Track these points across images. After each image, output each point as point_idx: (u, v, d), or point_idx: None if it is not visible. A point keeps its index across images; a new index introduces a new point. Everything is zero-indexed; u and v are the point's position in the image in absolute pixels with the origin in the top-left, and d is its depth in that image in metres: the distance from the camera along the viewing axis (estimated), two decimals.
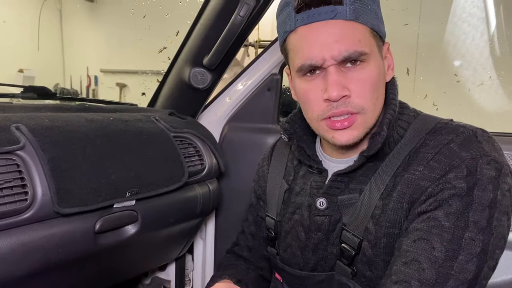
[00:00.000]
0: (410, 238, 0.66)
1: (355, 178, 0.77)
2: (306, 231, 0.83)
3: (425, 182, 0.68)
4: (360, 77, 0.70)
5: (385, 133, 0.72)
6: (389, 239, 0.72)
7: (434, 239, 0.64)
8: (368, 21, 0.69)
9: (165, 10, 3.50)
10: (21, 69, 5.18)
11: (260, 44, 4.09)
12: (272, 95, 1.33)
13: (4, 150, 0.73)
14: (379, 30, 0.71)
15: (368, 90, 0.71)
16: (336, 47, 0.68)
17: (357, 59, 0.69)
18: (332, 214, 0.79)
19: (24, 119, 0.82)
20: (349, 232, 0.76)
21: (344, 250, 0.77)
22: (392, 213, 0.71)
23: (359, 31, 0.68)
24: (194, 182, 1.13)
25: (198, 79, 1.20)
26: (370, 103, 0.71)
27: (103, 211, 0.86)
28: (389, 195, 0.72)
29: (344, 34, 0.68)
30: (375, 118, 0.74)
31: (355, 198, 0.76)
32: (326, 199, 0.80)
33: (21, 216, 0.72)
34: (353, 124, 0.73)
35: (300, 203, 0.85)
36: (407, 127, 0.76)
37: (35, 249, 0.74)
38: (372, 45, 0.70)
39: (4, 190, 0.71)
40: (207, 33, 1.12)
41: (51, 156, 0.77)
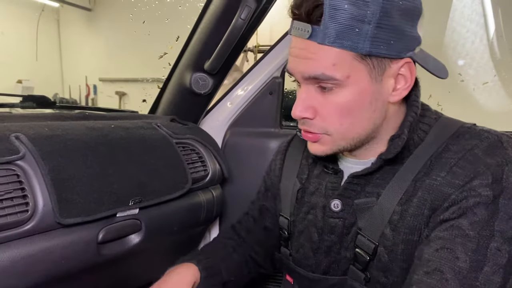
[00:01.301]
0: (432, 246, 0.64)
1: (372, 181, 0.75)
2: (319, 233, 0.82)
3: (448, 188, 0.66)
4: (328, 101, 0.68)
5: (406, 136, 0.70)
6: (407, 246, 0.70)
7: (458, 249, 0.61)
8: (351, 46, 0.63)
9: (165, 15, 3.50)
10: (19, 80, 5.19)
11: (259, 49, 4.09)
12: (274, 98, 1.32)
13: (4, 160, 0.71)
14: (378, 53, 0.64)
15: (336, 115, 0.68)
16: (305, 65, 0.66)
17: (326, 82, 0.66)
18: (347, 217, 0.77)
19: (23, 129, 0.80)
20: (364, 236, 0.74)
21: (358, 255, 0.75)
22: (411, 219, 0.69)
23: (335, 55, 0.64)
24: (197, 189, 1.11)
25: (200, 84, 1.19)
26: (338, 127, 0.69)
27: (105, 220, 0.84)
28: (408, 200, 0.70)
29: (316, 55, 0.65)
30: (350, 140, 0.71)
31: (372, 202, 0.73)
32: (341, 201, 0.78)
33: (22, 227, 0.70)
34: (318, 140, 0.73)
35: (314, 203, 0.83)
36: (428, 130, 0.73)
37: (37, 262, 0.72)
38: (354, 69, 0.65)
39: (4, 201, 0.69)
40: (208, 37, 1.11)
41: (51, 166, 0.76)
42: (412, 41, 0.66)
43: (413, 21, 0.65)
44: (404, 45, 0.65)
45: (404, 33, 0.64)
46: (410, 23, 0.65)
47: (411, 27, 0.65)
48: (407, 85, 0.69)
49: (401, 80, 0.69)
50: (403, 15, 0.63)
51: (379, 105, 0.69)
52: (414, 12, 0.65)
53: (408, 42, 0.65)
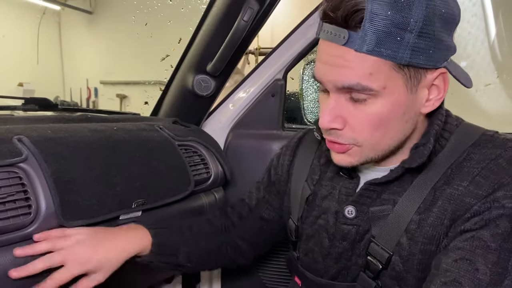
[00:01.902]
0: (451, 257, 0.62)
1: (389, 188, 0.73)
2: (330, 239, 0.79)
3: (471, 199, 0.64)
4: (359, 112, 0.64)
5: (431, 145, 0.67)
6: (424, 256, 0.68)
7: (478, 260, 0.59)
8: (391, 55, 0.59)
9: (167, 17, 3.51)
10: (20, 83, 5.19)
11: (260, 52, 4.09)
12: (276, 100, 1.32)
13: (6, 162, 0.71)
14: (417, 63, 0.60)
15: (368, 127, 0.64)
16: (338, 73, 0.62)
17: (361, 93, 0.62)
18: (361, 224, 0.75)
19: (26, 131, 0.80)
20: (378, 245, 0.72)
21: (370, 263, 0.73)
22: (430, 229, 0.67)
23: (371, 64, 0.60)
24: (200, 191, 1.11)
25: (202, 86, 1.19)
26: (368, 138, 0.66)
27: (108, 223, 0.84)
28: (427, 210, 0.68)
29: (351, 63, 0.60)
30: (380, 151, 0.68)
31: (387, 210, 0.71)
32: (355, 208, 0.75)
33: (25, 230, 0.70)
34: (347, 151, 0.69)
35: (326, 208, 0.80)
36: (449, 137, 0.70)
37: None
38: (390, 80, 0.61)
39: (7, 204, 0.69)
40: (210, 39, 1.11)
41: (54, 168, 0.75)
42: (448, 51, 0.63)
43: (451, 29, 0.62)
44: (442, 55, 0.62)
45: (442, 42, 0.61)
46: (448, 31, 0.62)
47: (448, 36, 0.62)
48: (440, 96, 0.66)
49: (435, 91, 0.65)
50: (443, 23, 0.60)
51: (412, 115, 0.66)
52: (452, 21, 0.62)
53: (445, 51, 0.62)
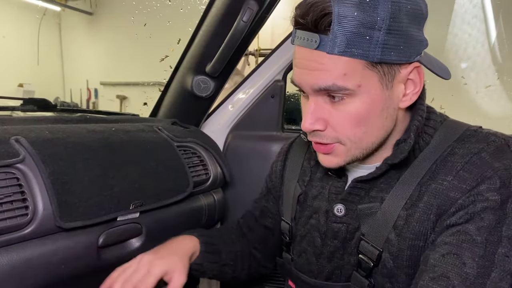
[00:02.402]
0: (438, 252, 0.62)
1: (376, 185, 0.74)
2: (322, 238, 0.81)
3: (455, 193, 0.64)
4: (339, 112, 0.66)
5: (412, 141, 0.69)
6: (413, 252, 0.68)
7: (464, 254, 0.60)
8: (362, 54, 0.61)
9: (166, 18, 3.50)
10: (20, 83, 5.20)
11: (260, 53, 4.09)
12: (276, 102, 1.31)
13: (4, 163, 0.70)
14: (389, 59, 0.62)
15: (349, 125, 0.66)
16: (313, 76, 0.64)
17: (337, 93, 0.64)
18: (350, 222, 0.76)
19: (24, 131, 0.79)
20: (368, 242, 0.72)
21: (361, 261, 0.74)
22: (417, 225, 0.68)
23: (344, 65, 0.62)
24: (199, 193, 1.10)
25: (201, 87, 1.18)
26: (351, 136, 0.68)
27: (106, 224, 0.83)
28: (414, 205, 0.68)
29: (325, 65, 0.62)
30: (364, 149, 0.70)
31: (375, 207, 0.72)
32: (344, 206, 0.77)
33: (21, 231, 0.70)
34: (332, 151, 0.71)
35: (317, 208, 0.82)
36: (433, 133, 0.72)
37: (36, 266, 0.71)
38: (365, 78, 0.63)
39: (4, 204, 0.68)
40: (209, 40, 1.11)
41: (52, 169, 0.75)
42: (420, 45, 0.64)
43: (420, 24, 0.64)
44: (413, 50, 0.63)
45: (412, 37, 0.63)
46: (417, 26, 0.63)
47: (417, 30, 0.64)
48: (417, 90, 0.67)
49: (411, 85, 0.67)
50: (411, 19, 0.62)
51: (391, 111, 0.67)
52: (420, 15, 0.63)
53: (416, 46, 0.64)
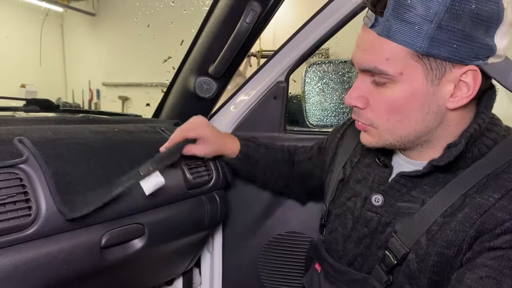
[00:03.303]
0: (476, 273, 0.60)
1: (420, 186, 0.72)
2: (354, 221, 0.81)
3: (502, 213, 0.61)
4: (379, 94, 0.68)
5: (462, 147, 0.66)
6: (440, 259, 0.67)
7: (504, 281, 0.57)
8: (408, 42, 0.61)
9: (169, 19, 3.51)
10: (23, 84, 5.21)
11: (262, 54, 4.10)
12: (279, 103, 1.31)
13: (7, 163, 0.70)
14: (437, 54, 0.61)
15: (385, 110, 0.68)
16: (361, 56, 0.67)
17: (379, 76, 0.66)
18: (384, 215, 0.76)
19: (27, 132, 0.79)
20: (398, 240, 0.72)
21: (386, 256, 0.73)
22: (451, 233, 0.66)
23: (390, 49, 0.63)
24: (201, 194, 1.10)
25: (204, 88, 1.18)
26: (385, 122, 0.69)
27: (109, 225, 0.83)
28: (453, 214, 0.67)
29: (372, 46, 0.65)
30: (398, 137, 0.70)
31: (414, 209, 0.71)
32: (383, 198, 0.77)
33: (24, 232, 0.69)
34: (367, 130, 0.73)
35: (358, 192, 0.82)
36: (492, 146, 0.68)
37: (39, 266, 0.71)
38: (408, 67, 0.63)
39: (7, 205, 0.68)
40: (212, 41, 1.11)
41: (55, 169, 0.75)
42: (483, 49, 0.61)
43: (488, 28, 0.60)
44: (471, 52, 0.61)
45: (472, 38, 0.60)
46: (484, 29, 0.60)
47: (484, 33, 0.60)
48: (469, 94, 0.64)
49: (463, 88, 0.64)
50: (475, 20, 0.59)
51: (434, 108, 0.66)
52: (490, 18, 0.59)
53: (476, 49, 0.61)
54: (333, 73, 1.33)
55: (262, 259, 1.33)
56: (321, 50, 3.51)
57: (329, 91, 1.34)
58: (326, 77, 1.34)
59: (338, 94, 1.34)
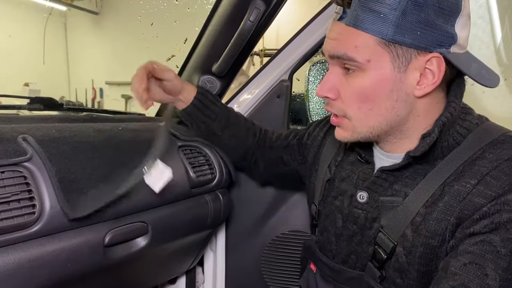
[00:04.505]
0: (459, 260, 0.61)
1: (401, 179, 0.74)
2: (344, 220, 0.82)
3: (480, 199, 0.63)
4: (348, 84, 0.70)
5: (436, 136, 0.68)
6: (426, 250, 0.68)
7: (487, 265, 0.58)
8: (374, 29, 0.64)
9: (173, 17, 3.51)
10: (26, 83, 5.22)
11: (265, 53, 4.09)
12: (282, 102, 1.31)
13: (11, 161, 0.70)
14: (402, 41, 0.63)
15: (355, 99, 0.70)
16: (332, 44, 0.70)
17: (348, 64, 0.68)
18: (370, 211, 0.77)
19: (31, 130, 0.80)
20: (384, 235, 0.73)
21: (376, 252, 0.74)
22: (434, 223, 0.67)
23: (358, 38, 0.66)
24: (204, 192, 1.10)
25: (207, 87, 1.18)
26: (356, 111, 0.71)
27: (112, 223, 0.83)
28: (434, 204, 0.68)
29: (341, 35, 0.68)
30: (370, 128, 0.72)
31: (397, 202, 0.72)
32: (367, 194, 0.78)
33: (28, 230, 0.70)
34: (340, 124, 0.75)
35: (344, 190, 0.83)
36: (466, 134, 0.70)
37: (43, 264, 0.71)
38: (376, 54, 0.65)
39: (11, 203, 0.68)
40: (216, 40, 1.11)
41: (59, 168, 0.75)
42: (445, 37, 0.64)
43: (448, 16, 0.63)
44: (434, 39, 0.64)
45: (435, 26, 0.63)
46: (443, 17, 0.63)
47: (444, 21, 0.63)
48: (434, 81, 0.66)
49: (428, 75, 0.67)
50: (436, 8, 0.62)
51: (402, 95, 0.68)
52: (449, 8, 0.63)
53: (438, 36, 0.64)
54: None
55: (265, 258, 1.33)
56: None
57: None
58: None
59: None
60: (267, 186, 1.31)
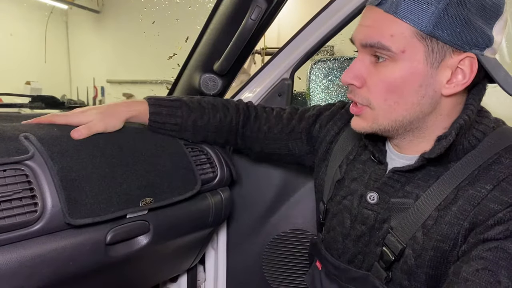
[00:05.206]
0: (472, 266, 0.60)
1: (413, 180, 0.73)
2: (352, 220, 0.81)
3: (495, 204, 0.62)
4: (377, 73, 0.68)
5: (452, 138, 0.67)
6: (437, 253, 0.67)
7: (500, 273, 0.58)
8: (414, 20, 0.62)
9: (175, 16, 3.51)
10: (28, 81, 5.23)
11: (267, 52, 4.09)
12: (283, 100, 1.31)
13: (13, 160, 0.71)
14: (440, 36, 0.62)
15: (383, 89, 0.67)
16: (365, 31, 0.67)
17: (381, 53, 0.65)
18: (380, 212, 0.76)
19: (32, 128, 0.80)
20: (394, 236, 0.72)
21: (384, 253, 0.73)
22: (446, 227, 0.66)
23: (396, 26, 0.64)
24: (206, 191, 1.10)
25: (209, 85, 1.18)
26: (381, 102, 0.68)
27: (114, 222, 0.83)
28: (447, 207, 0.67)
29: (377, 22, 0.66)
30: (392, 121, 0.69)
31: (408, 204, 0.72)
32: (377, 195, 0.77)
33: (30, 228, 0.70)
34: (361, 113, 0.72)
35: (354, 190, 0.82)
36: (482, 137, 0.69)
37: (45, 263, 0.71)
38: (411, 46, 0.64)
39: (13, 201, 0.68)
40: (217, 38, 1.11)
41: (60, 166, 0.75)
42: (482, 38, 0.63)
43: (489, 18, 0.63)
44: (471, 39, 0.62)
45: (474, 26, 0.62)
46: (484, 18, 0.62)
47: (484, 23, 0.62)
48: (464, 81, 0.65)
49: (459, 75, 0.65)
50: (478, 8, 0.61)
51: (430, 92, 0.66)
52: (491, 10, 0.62)
53: (476, 37, 0.62)
54: (338, 70, 1.33)
55: (267, 257, 1.33)
56: (326, 47, 3.51)
57: (334, 88, 1.34)
58: (331, 74, 1.33)
59: (343, 91, 1.34)
60: (269, 185, 1.30)
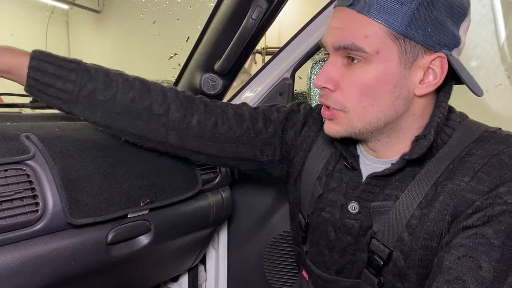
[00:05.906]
0: (453, 254, 0.61)
1: (391, 183, 0.73)
2: (336, 232, 0.80)
3: (472, 194, 0.63)
4: (350, 75, 0.66)
5: (432, 137, 0.67)
6: (426, 252, 0.68)
7: (481, 258, 0.59)
8: (388, 20, 0.61)
9: (175, 15, 3.51)
10: None
11: (267, 51, 4.09)
12: (284, 100, 1.31)
13: (14, 160, 0.71)
14: (413, 36, 0.62)
15: (356, 91, 0.66)
16: (337, 34, 0.66)
17: (355, 54, 0.64)
18: (364, 220, 0.75)
19: (34, 128, 0.80)
20: (378, 241, 0.72)
21: (372, 259, 0.73)
22: (431, 224, 0.67)
23: (369, 27, 0.62)
24: (207, 190, 1.10)
25: (210, 85, 1.18)
26: (356, 104, 0.67)
27: (115, 221, 0.83)
28: (429, 205, 0.68)
29: (349, 24, 0.64)
30: (367, 123, 0.68)
31: (389, 206, 0.71)
32: (358, 204, 0.76)
33: (31, 228, 0.70)
34: (334, 118, 0.70)
35: (333, 201, 0.80)
36: (451, 133, 0.71)
37: (46, 262, 0.72)
38: (385, 47, 0.63)
39: (14, 201, 0.68)
40: (218, 38, 1.10)
41: (61, 166, 0.75)
42: (451, 38, 0.64)
43: (456, 18, 0.63)
44: (442, 39, 0.63)
45: (443, 26, 0.62)
46: (452, 18, 0.63)
47: (452, 23, 0.63)
48: (436, 81, 0.66)
49: (431, 74, 0.66)
50: (447, 9, 0.62)
51: (404, 93, 0.66)
52: (459, 10, 0.63)
53: (446, 37, 0.63)
54: None
55: (267, 257, 1.33)
56: None
57: None
58: None
59: None
60: (270, 184, 1.31)
